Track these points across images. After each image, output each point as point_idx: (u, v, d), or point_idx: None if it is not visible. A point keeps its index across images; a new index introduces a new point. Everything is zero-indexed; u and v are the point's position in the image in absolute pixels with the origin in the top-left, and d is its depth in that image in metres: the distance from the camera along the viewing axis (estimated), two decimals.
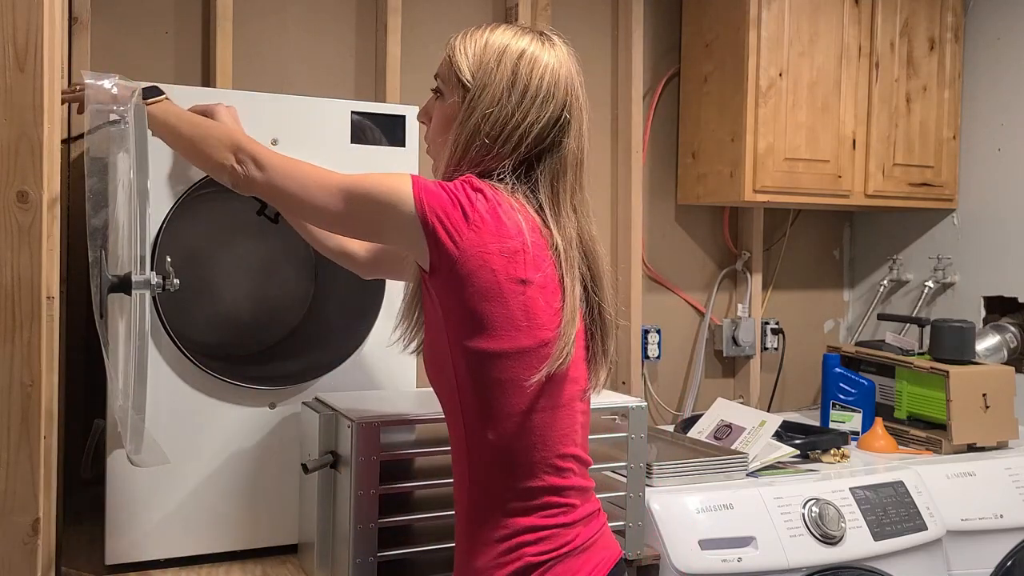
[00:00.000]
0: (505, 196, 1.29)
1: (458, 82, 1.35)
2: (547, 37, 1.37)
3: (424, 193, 1.25)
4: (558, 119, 1.33)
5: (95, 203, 1.60)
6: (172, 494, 1.73)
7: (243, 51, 2.32)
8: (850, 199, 2.77)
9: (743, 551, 1.90)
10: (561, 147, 1.34)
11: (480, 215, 1.24)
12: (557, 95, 1.33)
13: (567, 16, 2.73)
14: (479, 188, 1.28)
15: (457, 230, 1.24)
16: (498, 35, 1.37)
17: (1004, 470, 2.34)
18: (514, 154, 1.31)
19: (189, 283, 1.93)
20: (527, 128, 1.30)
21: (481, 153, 1.31)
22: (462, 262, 1.24)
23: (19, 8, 1.23)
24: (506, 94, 1.31)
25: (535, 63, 1.32)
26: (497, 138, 1.30)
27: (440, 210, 1.24)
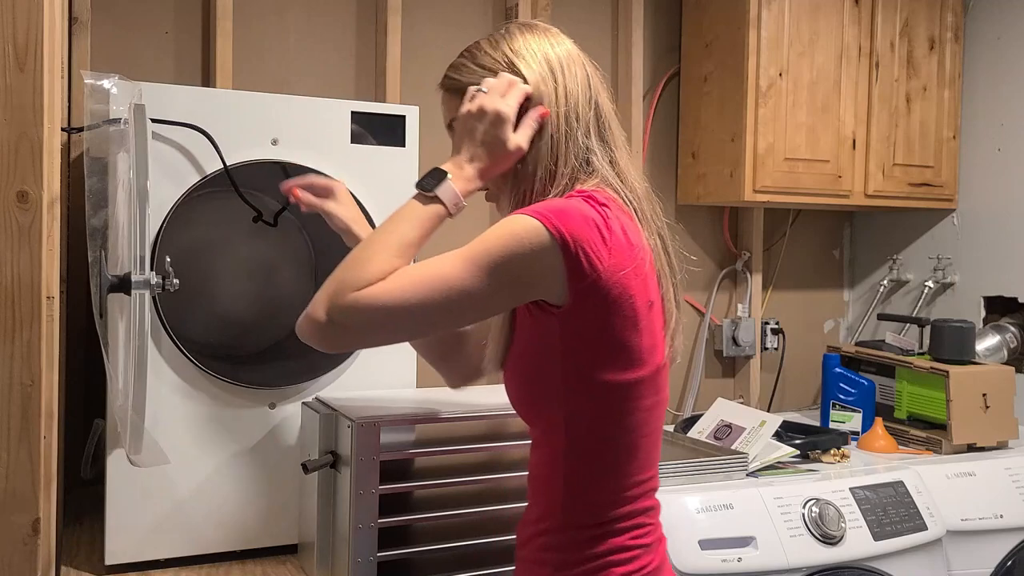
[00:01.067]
0: (611, 196, 1.22)
1: None
2: (530, 25, 1.36)
3: (557, 219, 1.12)
4: (588, 80, 1.29)
5: (95, 203, 1.60)
6: (172, 494, 1.73)
7: (243, 51, 2.32)
8: (850, 199, 2.77)
9: (743, 551, 1.90)
10: (602, 107, 1.29)
11: (614, 234, 1.14)
12: (575, 59, 1.30)
13: (567, 16, 2.73)
14: (604, 202, 1.17)
15: (598, 255, 1.12)
16: (487, 47, 1.31)
17: (1004, 470, 2.34)
18: (580, 131, 1.25)
19: (189, 283, 1.93)
20: (576, 101, 1.26)
21: (566, 155, 1.24)
22: (605, 290, 1.13)
23: (19, 8, 1.23)
24: (547, 83, 1.26)
25: (540, 45, 1.30)
26: (571, 131, 1.24)
27: (580, 234, 1.12)
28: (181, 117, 1.71)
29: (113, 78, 1.66)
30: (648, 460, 1.24)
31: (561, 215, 1.13)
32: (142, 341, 1.50)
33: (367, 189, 1.87)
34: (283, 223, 2.02)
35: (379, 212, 1.88)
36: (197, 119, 1.72)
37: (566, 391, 1.19)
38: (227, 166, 1.73)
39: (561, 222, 1.12)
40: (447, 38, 2.58)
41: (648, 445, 1.23)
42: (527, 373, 1.24)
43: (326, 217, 1.55)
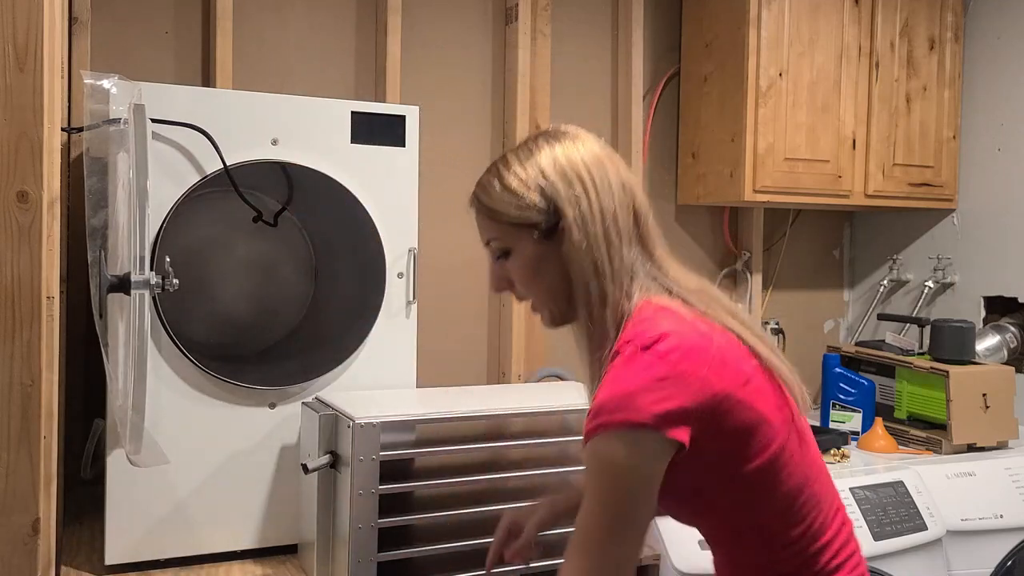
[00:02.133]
0: (662, 306, 1.19)
1: (520, 230, 1.25)
2: (557, 133, 1.28)
3: (630, 411, 1.09)
4: (622, 185, 1.25)
5: (95, 203, 1.60)
6: (172, 494, 1.73)
7: (243, 51, 2.32)
8: (850, 199, 2.77)
9: None
10: (639, 209, 1.26)
11: (681, 367, 1.11)
12: (606, 166, 1.25)
13: (567, 16, 2.73)
14: (663, 343, 1.12)
15: (680, 404, 1.10)
16: (517, 163, 1.26)
17: (1004, 470, 2.34)
18: (623, 244, 1.22)
19: (189, 283, 1.93)
20: (613, 213, 1.22)
21: (612, 273, 1.21)
22: (706, 418, 1.12)
23: (19, 8, 1.23)
24: (577, 196, 1.22)
25: (571, 159, 1.24)
26: (612, 247, 1.21)
27: (658, 406, 1.09)
28: (181, 117, 1.71)
29: (113, 78, 1.66)
30: (826, 495, 1.24)
31: (629, 403, 1.09)
32: (142, 341, 1.50)
33: (367, 189, 1.87)
34: (283, 223, 2.03)
35: (379, 212, 1.88)
36: (197, 119, 1.72)
37: (719, 491, 1.19)
38: (227, 166, 1.73)
39: (634, 411, 1.09)
40: (447, 38, 2.58)
41: (820, 485, 1.23)
42: (680, 496, 1.22)
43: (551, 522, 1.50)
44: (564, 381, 2.45)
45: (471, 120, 2.63)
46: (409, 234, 1.92)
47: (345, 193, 1.85)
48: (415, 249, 1.92)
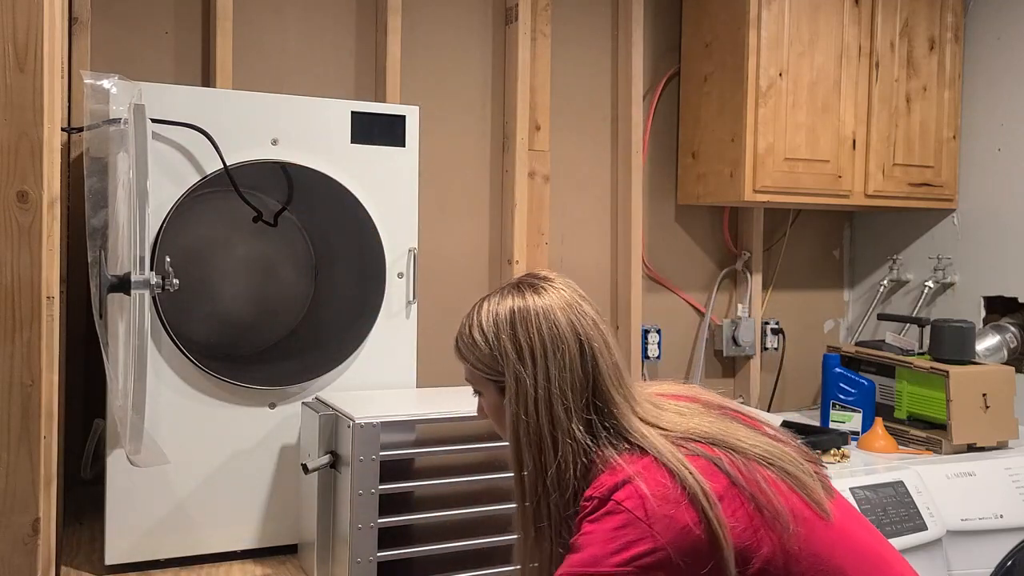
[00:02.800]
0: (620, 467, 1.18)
1: (486, 380, 1.29)
2: (528, 286, 1.29)
3: (614, 561, 1.10)
4: (581, 351, 1.23)
5: (95, 203, 1.60)
6: (172, 494, 1.73)
7: (243, 51, 2.32)
8: (850, 199, 2.77)
9: None
10: (600, 371, 1.24)
11: (653, 512, 1.12)
12: (564, 332, 1.23)
13: (567, 16, 2.73)
14: (621, 491, 1.14)
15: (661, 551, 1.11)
16: (484, 314, 1.29)
17: (1004, 470, 2.34)
18: (572, 418, 1.21)
19: (189, 283, 1.93)
20: (561, 392, 1.21)
21: (547, 448, 1.20)
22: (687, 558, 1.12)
23: (19, 8, 1.23)
24: (524, 368, 1.22)
25: (527, 320, 1.24)
26: (557, 423, 1.21)
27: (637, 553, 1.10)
28: (181, 117, 1.71)
29: (113, 78, 1.67)
30: None
31: (597, 566, 1.11)
32: (142, 341, 1.50)
33: (367, 189, 1.87)
34: (283, 223, 2.03)
35: (379, 212, 1.88)
36: (197, 119, 1.72)
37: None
38: (227, 166, 1.73)
39: (599, 572, 1.10)
40: (447, 38, 2.58)
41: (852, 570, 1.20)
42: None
43: None
44: None
45: (471, 120, 2.63)
46: (409, 234, 1.92)
47: (345, 193, 1.85)
48: (415, 249, 1.92)
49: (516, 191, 2.61)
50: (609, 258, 2.83)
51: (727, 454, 1.20)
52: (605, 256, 2.82)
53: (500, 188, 2.66)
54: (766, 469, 1.20)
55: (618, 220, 2.81)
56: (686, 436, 1.22)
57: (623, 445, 1.21)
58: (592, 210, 2.80)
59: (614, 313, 2.83)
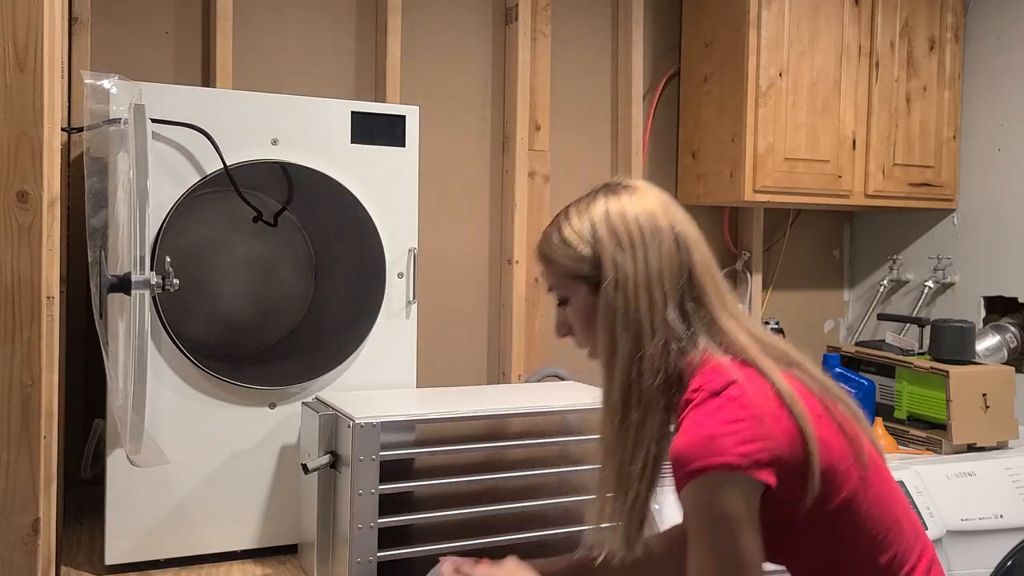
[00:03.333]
0: (718, 364, 1.21)
1: (575, 280, 1.29)
2: (617, 187, 1.31)
3: (717, 455, 1.12)
4: (676, 241, 1.26)
5: (95, 203, 1.60)
6: (172, 494, 1.73)
7: (243, 51, 2.32)
8: (850, 199, 2.77)
9: None
10: (695, 262, 1.27)
11: (766, 415, 1.14)
12: (659, 223, 1.26)
13: (567, 16, 2.73)
14: (733, 388, 1.16)
15: (766, 441, 1.13)
16: (575, 215, 1.30)
17: (1004, 470, 2.34)
18: (669, 304, 1.23)
19: (189, 283, 1.93)
20: (660, 276, 1.23)
21: (653, 334, 1.22)
22: (792, 468, 1.14)
23: (19, 8, 1.23)
24: (623, 255, 1.24)
25: (623, 212, 1.26)
26: (655, 308, 1.22)
27: (742, 447, 1.12)
28: (181, 117, 1.71)
29: (113, 78, 1.67)
30: (907, 522, 1.25)
31: (713, 446, 1.12)
32: (142, 341, 1.50)
33: (367, 189, 1.87)
34: (283, 223, 2.03)
35: (379, 212, 1.88)
36: (197, 119, 1.72)
37: (811, 541, 1.21)
38: (227, 166, 1.73)
39: (720, 454, 1.12)
40: (447, 38, 2.58)
41: (901, 513, 1.24)
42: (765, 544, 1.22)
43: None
44: (564, 381, 2.45)
45: (471, 120, 2.63)
46: (409, 234, 1.92)
47: (345, 193, 1.85)
48: (415, 249, 1.92)
49: (516, 191, 2.61)
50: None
51: (814, 380, 1.24)
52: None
53: (500, 188, 2.66)
54: (841, 403, 1.24)
55: None
56: (778, 354, 1.25)
57: (719, 343, 1.24)
58: None
59: None
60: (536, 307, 2.68)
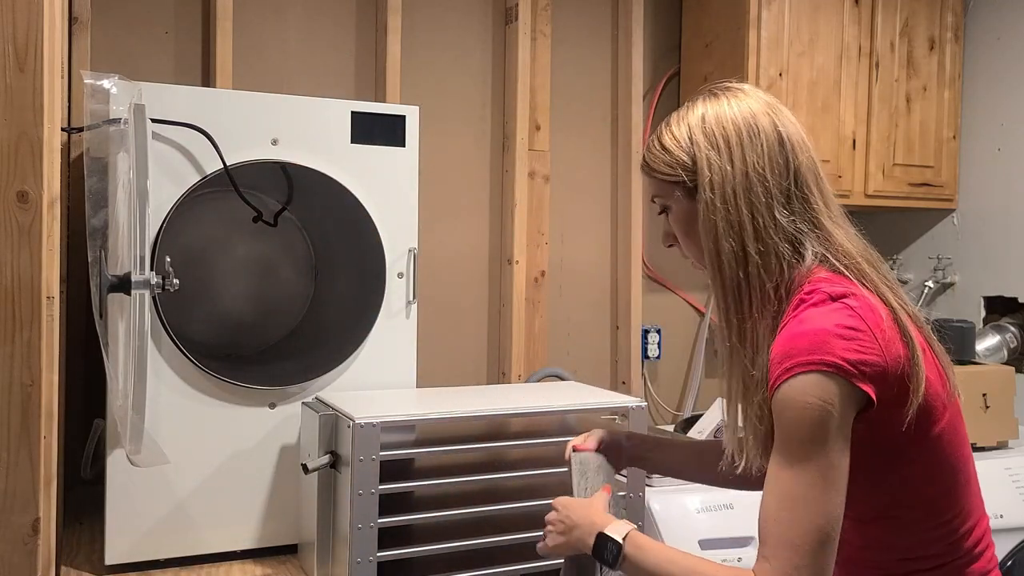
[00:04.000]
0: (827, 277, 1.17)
1: (674, 185, 1.25)
2: (719, 90, 1.26)
3: (822, 356, 1.07)
4: (780, 141, 1.21)
5: (95, 203, 1.60)
6: (172, 494, 1.73)
7: (243, 51, 2.32)
8: (850, 199, 2.77)
9: (743, 551, 1.90)
10: (800, 162, 1.22)
11: (880, 331, 1.10)
12: (760, 122, 1.21)
13: (567, 16, 2.73)
14: (851, 298, 1.12)
15: (871, 355, 1.09)
16: (675, 120, 1.27)
17: (1004, 470, 2.34)
18: (775, 205, 1.18)
19: (189, 283, 1.93)
20: (761, 176, 1.19)
21: (759, 238, 1.18)
22: (896, 390, 1.10)
23: (19, 8, 1.23)
24: (719, 155, 1.20)
25: (720, 115, 1.22)
26: (757, 208, 1.18)
27: (848, 354, 1.07)
28: (181, 117, 1.71)
29: (113, 78, 1.67)
30: (974, 480, 1.21)
31: (824, 345, 1.08)
32: (142, 341, 1.50)
33: (367, 189, 1.87)
34: (283, 223, 2.03)
35: (379, 212, 1.88)
36: (197, 119, 1.72)
37: (894, 474, 1.17)
38: (227, 166, 1.73)
39: (830, 354, 1.07)
40: (447, 38, 2.58)
41: (971, 469, 1.20)
42: None
43: None
44: (564, 381, 2.45)
45: (471, 120, 2.63)
46: (409, 234, 1.92)
47: (345, 193, 1.85)
48: (415, 249, 1.92)
49: (516, 191, 2.61)
50: (609, 258, 2.83)
51: (914, 312, 1.20)
52: (605, 256, 2.82)
53: (500, 188, 2.66)
54: (936, 344, 1.21)
55: (618, 220, 2.81)
56: (885, 278, 1.21)
57: (828, 251, 1.20)
58: (592, 210, 2.80)
59: (614, 313, 2.83)
60: (536, 307, 2.68)
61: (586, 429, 1.82)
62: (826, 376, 1.07)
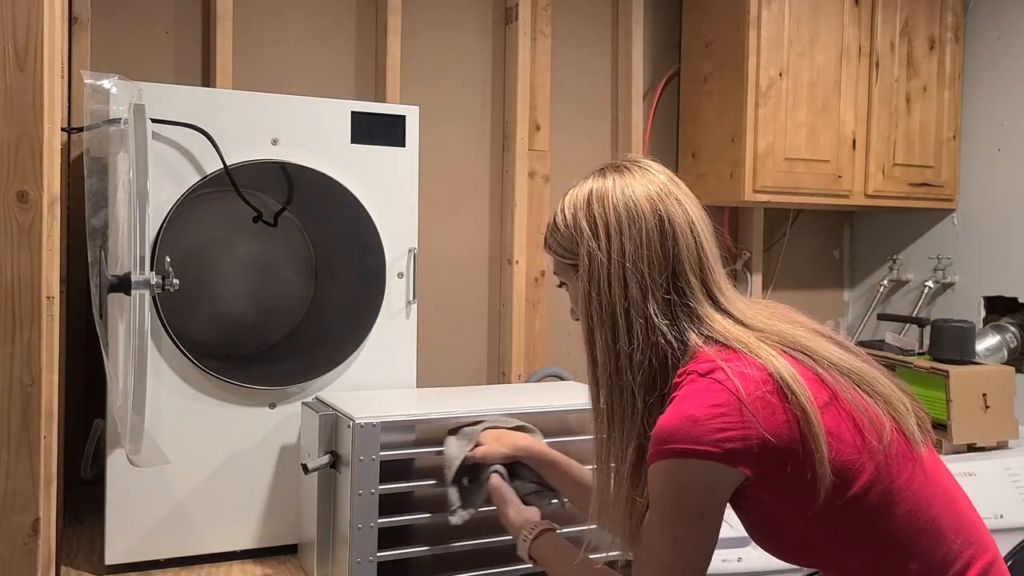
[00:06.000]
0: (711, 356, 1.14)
1: (566, 266, 1.27)
2: (614, 167, 1.26)
3: (691, 439, 1.08)
4: (661, 228, 1.19)
5: (95, 203, 1.60)
6: (172, 494, 1.73)
7: (243, 51, 2.32)
8: (850, 199, 2.77)
9: (743, 551, 1.90)
10: (680, 251, 1.19)
11: (752, 402, 1.09)
12: (642, 208, 1.19)
13: (567, 16, 2.73)
14: (720, 373, 1.11)
15: (743, 429, 1.08)
16: (568, 198, 1.27)
17: (1004, 470, 2.33)
18: (649, 297, 1.17)
19: (189, 283, 1.93)
20: (636, 260, 1.17)
21: (620, 327, 1.17)
22: (781, 459, 1.09)
23: (19, 8, 1.23)
24: (598, 244, 1.19)
25: (603, 198, 1.21)
26: (625, 296, 1.17)
27: (718, 434, 1.07)
28: (181, 117, 1.71)
29: (113, 78, 1.67)
30: (953, 524, 1.15)
31: (693, 429, 1.08)
32: (142, 341, 1.50)
33: (367, 189, 1.87)
34: (283, 223, 2.03)
35: (379, 212, 1.88)
36: (197, 119, 1.72)
37: (823, 540, 1.15)
38: (227, 166, 1.73)
39: (698, 440, 1.07)
40: (447, 38, 2.58)
41: (944, 514, 1.14)
42: (775, 542, 1.21)
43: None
44: (564, 381, 2.45)
45: (471, 120, 2.63)
46: (409, 234, 1.92)
47: (345, 193, 1.85)
48: (415, 249, 1.92)
49: (516, 191, 2.61)
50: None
51: (824, 367, 1.16)
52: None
53: (500, 188, 2.66)
54: (861, 390, 1.16)
55: None
56: (782, 340, 1.17)
57: (708, 338, 1.17)
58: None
59: None
60: (536, 307, 2.68)
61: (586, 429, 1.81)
62: (695, 461, 1.08)
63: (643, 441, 1.17)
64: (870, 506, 1.11)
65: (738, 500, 1.15)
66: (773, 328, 1.20)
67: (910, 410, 1.18)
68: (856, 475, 1.11)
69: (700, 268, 1.21)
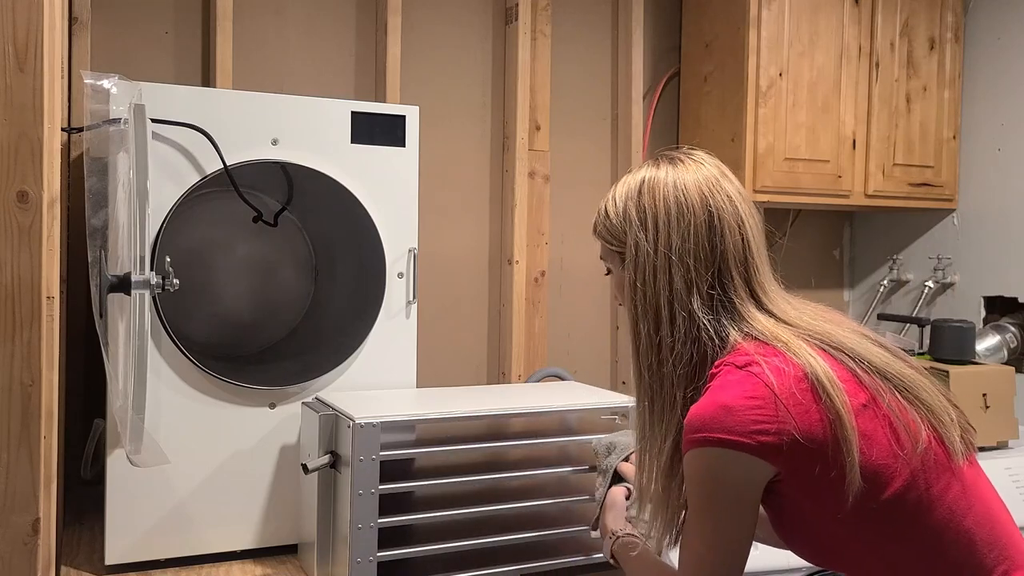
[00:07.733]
0: (752, 350, 1.14)
1: (612, 252, 1.27)
2: (667, 157, 1.25)
3: (725, 428, 1.08)
4: (709, 224, 1.19)
5: (95, 203, 1.60)
6: (172, 494, 1.73)
7: (243, 51, 2.32)
8: (850, 199, 2.77)
9: None
10: (726, 247, 1.19)
11: (787, 397, 1.08)
12: (693, 201, 1.19)
13: (567, 16, 2.73)
14: (756, 366, 1.11)
15: (778, 423, 1.07)
16: (619, 186, 1.27)
17: (1004, 470, 2.33)
18: (693, 291, 1.17)
19: (189, 283, 1.93)
20: (683, 254, 1.18)
21: (671, 316, 1.17)
22: (812, 457, 1.08)
23: (19, 8, 1.23)
24: (646, 235, 1.19)
25: (654, 189, 1.21)
26: (669, 289, 1.17)
27: (752, 424, 1.07)
28: (181, 117, 1.71)
29: (113, 78, 1.67)
30: (988, 536, 1.12)
31: (727, 419, 1.08)
32: (142, 341, 1.50)
33: (367, 189, 1.87)
34: (283, 223, 2.03)
35: (379, 212, 1.88)
36: (197, 119, 1.72)
37: (849, 542, 1.13)
38: (227, 166, 1.73)
39: (732, 430, 1.07)
40: (447, 38, 2.58)
41: (977, 525, 1.12)
42: (803, 542, 1.21)
43: None
44: (564, 381, 2.45)
45: (471, 120, 2.63)
46: (409, 234, 1.92)
47: (345, 193, 1.85)
48: (415, 249, 1.92)
49: (516, 191, 2.61)
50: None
51: (864, 368, 1.14)
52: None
53: (500, 188, 2.66)
54: (901, 395, 1.14)
55: None
56: (823, 340, 1.16)
57: (749, 335, 1.17)
58: (592, 210, 2.79)
59: (614, 313, 2.83)
60: (536, 307, 2.68)
61: (586, 429, 1.82)
62: (728, 451, 1.08)
63: (679, 437, 1.17)
64: (903, 512, 1.10)
65: (767, 496, 1.15)
66: (816, 328, 1.19)
67: (955, 421, 1.16)
68: (889, 480, 1.09)
69: (745, 266, 1.21)
